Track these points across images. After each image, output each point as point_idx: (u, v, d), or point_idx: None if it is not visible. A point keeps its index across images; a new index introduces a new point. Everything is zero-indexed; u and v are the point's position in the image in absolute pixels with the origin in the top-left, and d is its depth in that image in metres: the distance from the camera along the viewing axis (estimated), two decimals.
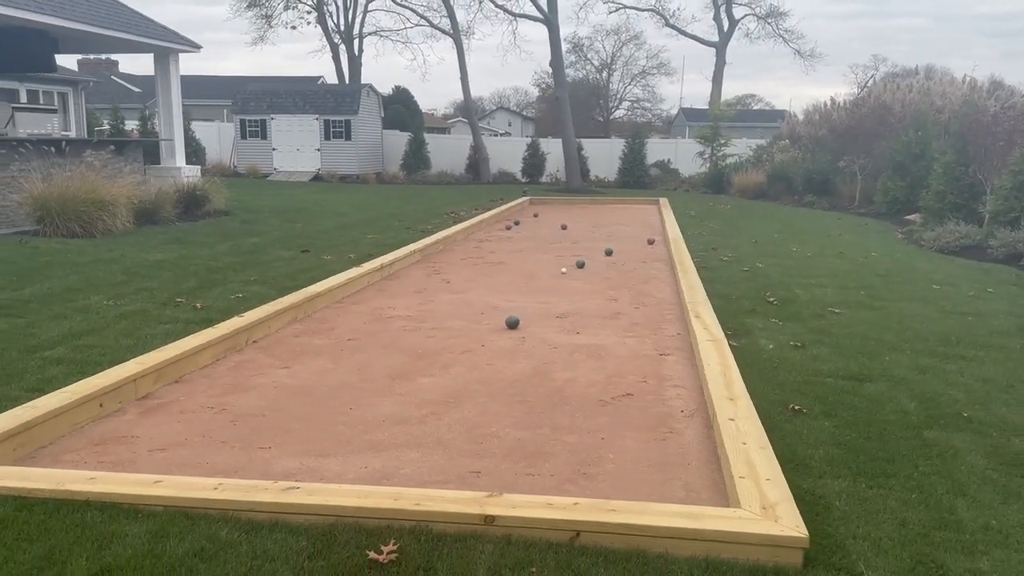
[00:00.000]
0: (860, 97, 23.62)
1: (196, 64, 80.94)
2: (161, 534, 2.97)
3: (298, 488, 3.25)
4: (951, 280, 9.03)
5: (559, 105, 27.99)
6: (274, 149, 28.45)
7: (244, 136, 28.65)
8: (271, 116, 28.46)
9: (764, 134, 30.24)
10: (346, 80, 35.35)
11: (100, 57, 37.97)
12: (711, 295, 7.54)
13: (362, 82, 32.92)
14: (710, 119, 28.32)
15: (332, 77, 37.74)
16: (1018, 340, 6.31)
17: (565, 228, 14.17)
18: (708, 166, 26.88)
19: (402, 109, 33.74)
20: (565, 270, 9.53)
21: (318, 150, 28.42)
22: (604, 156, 29.58)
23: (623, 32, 57.28)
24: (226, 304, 6.90)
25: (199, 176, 15.52)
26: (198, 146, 27.13)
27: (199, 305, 6.85)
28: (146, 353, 5.09)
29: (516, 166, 29.62)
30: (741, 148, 26.57)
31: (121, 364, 4.83)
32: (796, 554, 2.88)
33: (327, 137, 28.39)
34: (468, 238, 12.71)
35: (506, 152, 30.32)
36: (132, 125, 25.99)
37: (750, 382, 4.80)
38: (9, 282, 7.45)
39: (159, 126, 15.89)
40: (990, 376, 5.31)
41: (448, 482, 3.56)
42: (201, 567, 2.77)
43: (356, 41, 36.45)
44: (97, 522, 3.04)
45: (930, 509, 3.37)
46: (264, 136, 28.53)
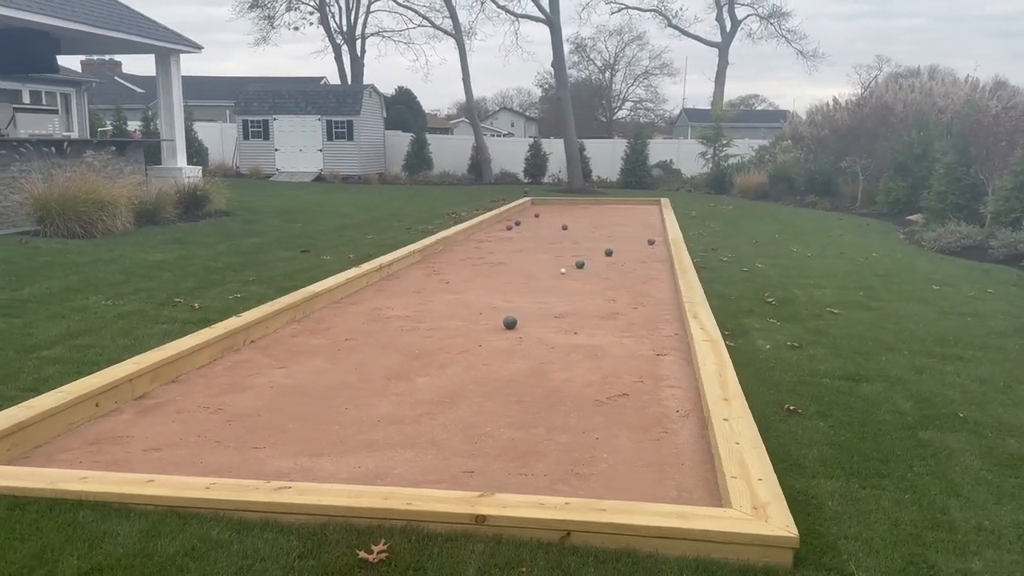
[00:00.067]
0: (862, 97, 23.60)
1: (198, 65, 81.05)
2: (152, 533, 2.98)
3: (290, 488, 3.25)
4: (951, 280, 9.02)
5: (561, 105, 28.01)
6: (276, 150, 28.46)
7: (247, 137, 28.68)
8: (273, 117, 28.48)
9: (767, 134, 30.21)
10: (348, 81, 35.37)
11: (103, 58, 38.07)
12: (710, 295, 7.53)
13: (364, 83, 32.96)
14: (712, 119, 28.30)
15: (334, 78, 37.86)
16: (1016, 341, 6.30)
17: (566, 228, 14.16)
18: (710, 166, 26.85)
19: (405, 110, 33.72)
20: (564, 270, 9.53)
21: (320, 151, 28.43)
22: (606, 156, 29.58)
23: (626, 32, 57.40)
24: (224, 304, 6.92)
25: (200, 176, 15.55)
26: (201, 147, 27.13)
27: (197, 305, 6.86)
28: (143, 353, 5.10)
29: (518, 166, 29.62)
30: (743, 148, 26.50)
31: (118, 364, 4.84)
32: (786, 554, 2.88)
33: (329, 138, 28.40)
34: (468, 238, 12.72)
35: (508, 152, 30.33)
36: (135, 126, 26.04)
37: (746, 382, 4.79)
38: (8, 282, 7.47)
39: (160, 127, 15.93)
40: (987, 377, 5.30)
41: (441, 482, 3.57)
42: (192, 566, 2.78)
43: (358, 42, 36.53)
44: (89, 521, 3.05)
45: (923, 509, 3.37)
46: (267, 137, 28.54)
